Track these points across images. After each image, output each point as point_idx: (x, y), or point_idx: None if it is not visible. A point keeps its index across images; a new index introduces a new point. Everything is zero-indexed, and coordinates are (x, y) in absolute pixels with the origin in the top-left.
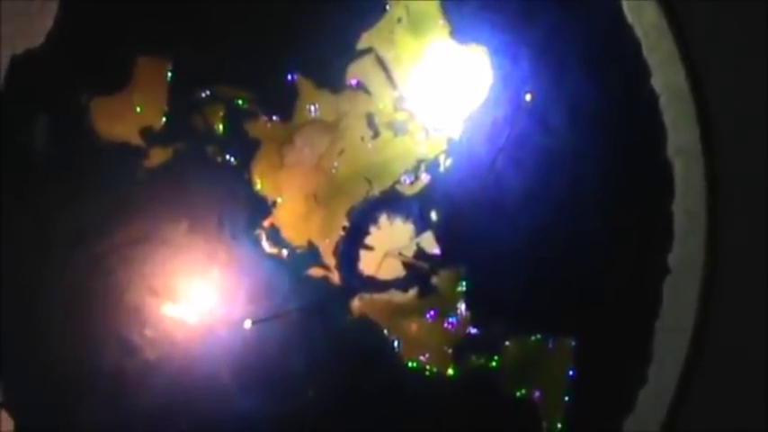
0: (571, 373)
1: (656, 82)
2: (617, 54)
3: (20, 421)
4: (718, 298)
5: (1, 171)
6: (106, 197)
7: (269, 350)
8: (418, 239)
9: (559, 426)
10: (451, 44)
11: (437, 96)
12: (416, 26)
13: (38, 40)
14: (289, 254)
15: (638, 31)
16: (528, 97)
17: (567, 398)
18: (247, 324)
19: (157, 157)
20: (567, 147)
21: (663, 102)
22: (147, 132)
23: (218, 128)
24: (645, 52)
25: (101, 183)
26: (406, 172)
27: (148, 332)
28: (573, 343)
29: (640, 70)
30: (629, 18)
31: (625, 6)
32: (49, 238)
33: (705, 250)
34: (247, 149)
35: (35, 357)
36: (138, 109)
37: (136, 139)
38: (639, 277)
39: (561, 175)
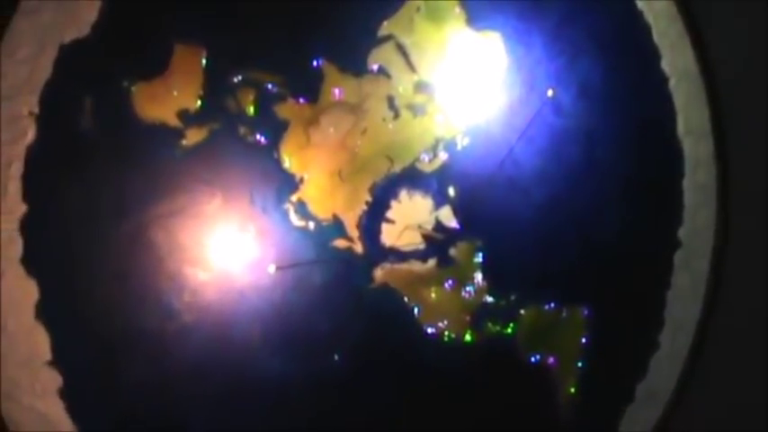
0: (584, 340)
1: (666, 64)
2: (628, 38)
3: (67, 378)
4: (727, 268)
5: (53, 150)
6: (147, 173)
7: (297, 315)
8: (437, 213)
9: (572, 390)
10: (467, 31)
11: (454, 80)
12: (434, 14)
13: (84, 30)
14: (315, 226)
15: (649, 16)
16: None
17: (579, 364)
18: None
19: (193, 136)
20: (580, 126)
21: (672, 83)
22: (183, 114)
23: (250, 110)
24: (655, 36)
25: (142, 160)
26: (425, 150)
27: (186, 297)
28: (585, 311)
29: (651, 53)
30: (640, 4)
31: None
32: (96, 210)
33: (714, 224)
34: (276, 130)
35: (82, 319)
36: (176, 93)
37: (173, 121)
38: (652, 250)
39: (574, 153)
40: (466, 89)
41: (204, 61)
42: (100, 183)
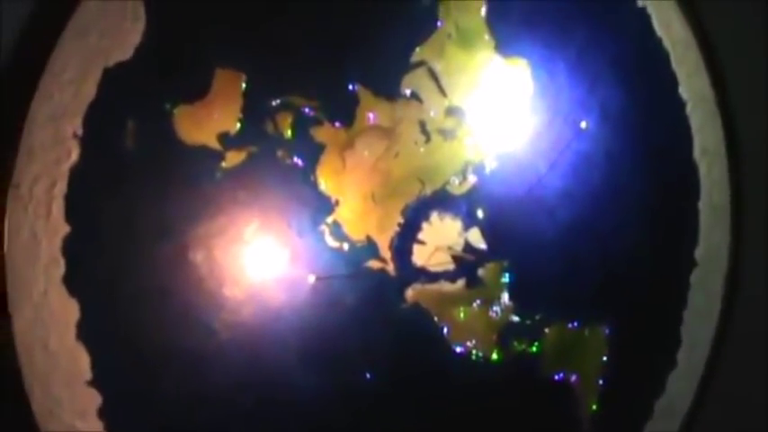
0: (605, 358)
1: (683, 90)
2: (647, 65)
3: (106, 398)
4: (741, 287)
5: (96, 171)
6: (188, 195)
7: (331, 334)
8: (466, 235)
9: (594, 407)
10: (496, 57)
11: (483, 105)
12: (464, 41)
13: (128, 53)
14: (349, 247)
15: (667, 44)
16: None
17: (600, 381)
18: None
19: (233, 159)
20: (600, 150)
21: (689, 108)
22: (223, 137)
23: (287, 133)
24: (673, 63)
25: (183, 182)
26: (455, 173)
27: (224, 316)
28: (606, 330)
29: (669, 79)
30: (659, 32)
31: (654, 21)
32: (137, 230)
33: (728, 244)
34: (313, 153)
35: (122, 339)
36: (216, 116)
37: (214, 143)
38: (669, 269)
39: (596, 176)
40: (494, 114)
41: (244, 85)
42: (141, 203)
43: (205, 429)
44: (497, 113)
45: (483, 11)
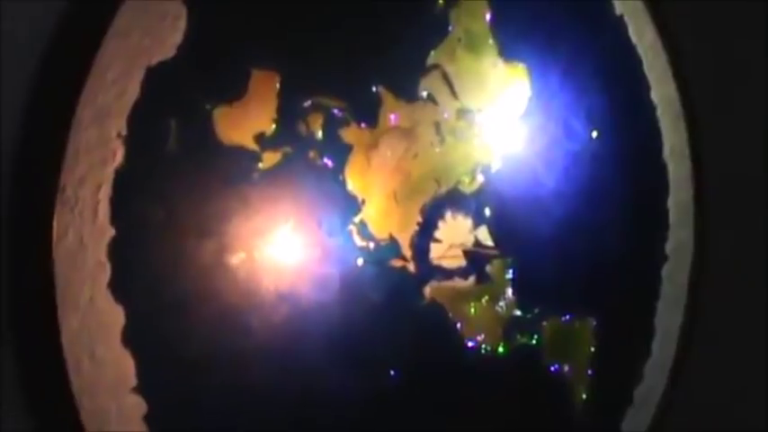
0: (593, 349)
1: (654, 94)
2: (625, 71)
3: (151, 404)
4: (707, 279)
5: (140, 172)
6: (227, 196)
7: (358, 332)
8: (476, 232)
9: (584, 396)
10: (499, 62)
11: (489, 107)
12: (472, 45)
13: (170, 52)
14: (374, 246)
15: (640, 50)
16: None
17: (590, 371)
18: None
19: (270, 160)
20: (586, 150)
21: (659, 111)
22: (260, 138)
23: (319, 134)
24: (645, 69)
25: (223, 183)
26: (466, 173)
27: (261, 317)
28: (594, 322)
29: (643, 84)
30: (634, 39)
31: (630, 29)
32: (179, 232)
33: (694, 238)
34: (342, 153)
35: (166, 343)
36: (253, 116)
37: (251, 144)
38: (645, 263)
39: (583, 175)
40: (498, 116)
41: (278, 86)
42: (183, 205)
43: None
44: (501, 115)
45: (487, 16)
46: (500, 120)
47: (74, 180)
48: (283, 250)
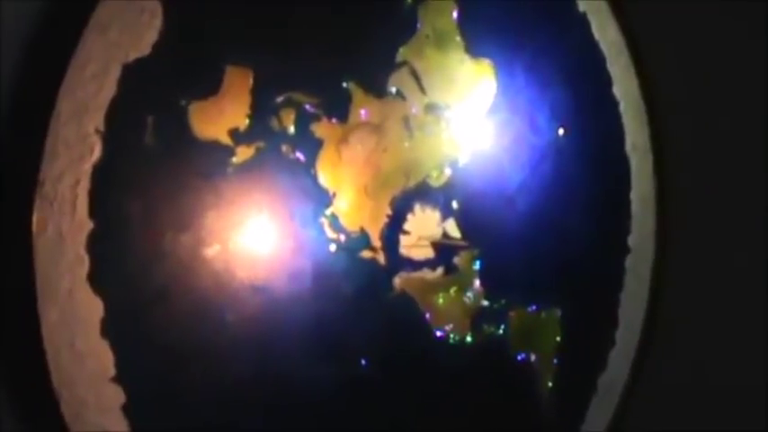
0: (558, 338)
1: (617, 90)
2: (588, 67)
3: (129, 394)
4: (668, 271)
5: (117, 167)
6: (202, 190)
7: (330, 322)
8: (444, 225)
9: (550, 384)
10: (466, 58)
11: (456, 102)
12: (439, 42)
13: (145, 50)
14: (346, 238)
15: (603, 47)
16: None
17: (555, 360)
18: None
19: (243, 154)
20: (550, 144)
21: (622, 107)
22: (234, 133)
23: (291, 129)
24: (608, 65)
25: (198, 177)
26: (434, 167)
27: (236, 309)
28: (560, 313)
29: (605, 80)
30: (597, 35)
31: (593, 26)
32: (156, 226)
33: (656, 231)
34: (313, 148)
35: (143, 335)
36: (227, 112)
37: (225, 139)
38: (608, 255)
39: (547, 168)
40: (465, 111)
41: (251, 82)
42: (160, 199)
43: (224, 420)
44: (468, 110)
45: (454, 14)
46: (467, 115)
47: (53, 175)
48: (257, 242)
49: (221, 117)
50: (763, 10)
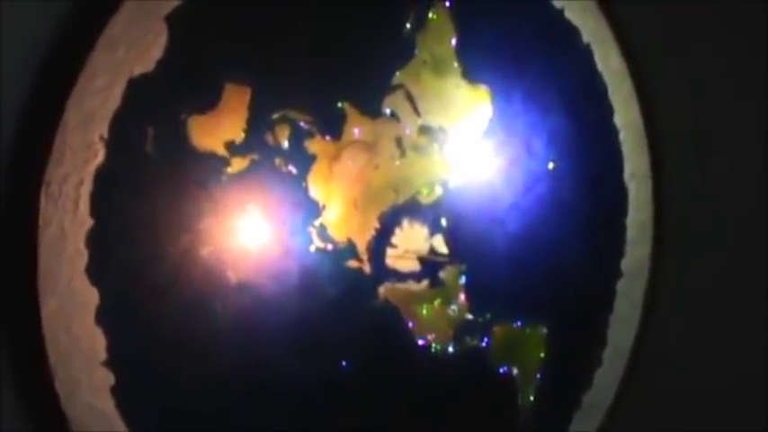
0: (543, 355)
1: (618, 119)
2: (589, 95)
3: (119, 376)
4: (660, 296)
5: (119, 171)
6: (198, 195)
7: (313, 325)
8: (431, 240)
9: (531, 398)
10: (463, 83)
11: (450, 125)
12: (437, 67)
13: (150, 66)
14: (333, 248)
15: (606, 77)
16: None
17: (538, 375)
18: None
19: (237, 165)
20: (546, 169)
21: (622, 135)
22: (230, 145)
23: (285, 144)
24: (610, 94)
25: (195, 183)
26: (424, 185)
27: (224, 304)
28: (545, 330)
29: (607, 109)
30: (599, 65)
31: (596, 56)
32: (154, 226)
33: (651, 257)
34: (306, 162)
35: (136, 323)
36: (224, 126)
37: (221, 151)
38: (600, 278)
39: (542, 191)
40: (459, 134)
41: (249, 99)
42: (158, 202)
43: (207, 409)
44: (462, 133)
45: (453, 41)
46: (461, 137)
47: (58, 176)
48: (247, 245)
49: (218, 130)
50: (765, 39)
